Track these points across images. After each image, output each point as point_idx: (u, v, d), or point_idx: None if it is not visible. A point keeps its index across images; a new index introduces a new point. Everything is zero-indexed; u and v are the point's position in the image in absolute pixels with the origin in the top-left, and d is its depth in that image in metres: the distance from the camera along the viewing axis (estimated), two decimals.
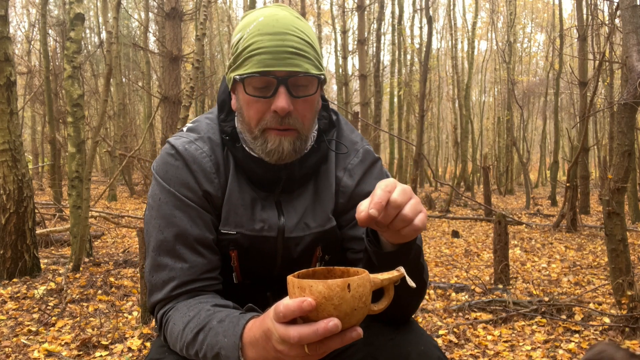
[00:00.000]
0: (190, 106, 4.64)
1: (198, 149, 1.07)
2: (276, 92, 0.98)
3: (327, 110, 1.16)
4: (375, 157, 1.16)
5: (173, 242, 1.02)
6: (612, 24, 5.48)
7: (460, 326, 3.27)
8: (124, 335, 3.07)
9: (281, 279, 1.13)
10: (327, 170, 1.13)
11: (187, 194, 1.04)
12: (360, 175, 1.12)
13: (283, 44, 0.97)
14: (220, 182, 1.07)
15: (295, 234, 1.09)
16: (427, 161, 7.89)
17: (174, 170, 1.05)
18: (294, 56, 0.97)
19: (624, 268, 3.22)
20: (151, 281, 1.04)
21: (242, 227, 1.07)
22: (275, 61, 0.96)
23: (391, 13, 19.35)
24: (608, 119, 11.78)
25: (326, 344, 0.70)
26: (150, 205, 1.07)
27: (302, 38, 0.99)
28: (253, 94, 0.99)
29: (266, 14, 1.00)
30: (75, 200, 4.91)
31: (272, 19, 0.98)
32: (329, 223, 1.11)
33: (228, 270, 1.11)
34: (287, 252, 1.11)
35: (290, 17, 1.01)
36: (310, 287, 0.69)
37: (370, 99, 15.74)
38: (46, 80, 10.20)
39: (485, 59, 26.58)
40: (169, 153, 1.07)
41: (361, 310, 0.71)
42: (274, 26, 0.98)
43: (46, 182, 15.35)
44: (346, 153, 1.14)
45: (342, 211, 1.13)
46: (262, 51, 0.97)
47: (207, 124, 1.12)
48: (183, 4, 9.36)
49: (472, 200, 9.04)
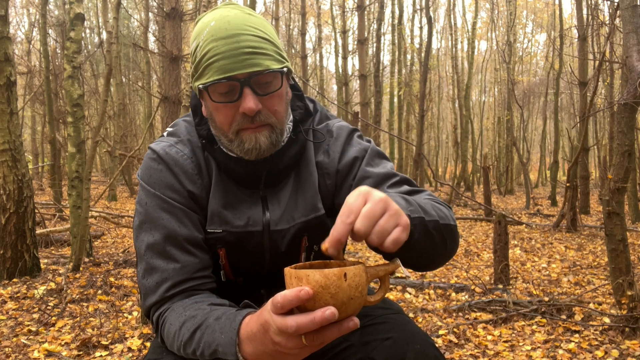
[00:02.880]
0: (190, 106, 4.64)
1: (179, 152, 1.08)
2: (241, 94, 0.98)
3: (302, 99, 1.16)
4: (350, 129, 1.15)
5: (163, 244, 1.03)
6: (612, 24, 5.48)
7: (460, 326, 3.27)
8: (124, 335, 3.07)
9: (273, 275, 1.14)
10: (306, 159, 1.13)
11: (172, 195, 1.05)
12: (339, 151, 1.12)
13: (239, 46, 0.96)
14: (204, 182, 1.08)
15: (281, 226, 1.10)
16: (427, 161, 7.88)
17: (157, 174, 1.06)
18: (251, 56, 0.97)
19: (624, 268, 3.22)
20: (145, 285, 1.04)
21: (227, 225, 1.08)
22: (234, 64, 0.96)
23: (391, 13, 19.38)
24: (608, 119, 11.78)
25: (323, 334, 0.71)
26: (137, 211, 1.07)
27: (257, 35, 0.99)
28: (219, 100, 1.00)
29: (217, 17, 0.99)
30: (75, 200, 4.91)
31: (224, 22, 0.98)
32: (313, 212, 1.11)
33: (218, 269, 1.12)
34: (274, 246, 1.11)
35: (242, 15, 1.00)
36: (307, 276, 0.70)
37: (370, 99, 15.74)
38: (46, 80, 10.20)
39: (485, 59, 26.58)
40: (151, 158, 1.08)
41: (357, 300, 0.72)
42: (226, 29, 0.97)
43: (46, 182, 15.35)
44: (323, 141, 1.14)
45: (336, 190, 1.12)
46: (220, 57, 0.96)
47: (185, 127, 1.13)
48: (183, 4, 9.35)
49: (472, 200, 9.03)
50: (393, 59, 19.76)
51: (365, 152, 1.11)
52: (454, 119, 21.94)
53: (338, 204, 1.12)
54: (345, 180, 1.11)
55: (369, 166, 1.09)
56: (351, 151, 1.11)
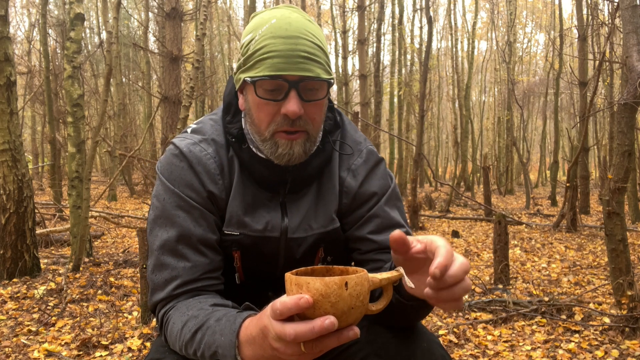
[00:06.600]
0: (190, 106, 4.64)
1: (202, 150, 1.07)
2: (287, 95, 0.98)
3: (332, 111, 1.16)
4: (378, 158, 1.16)
5: (176, 242, 1.03)
6: (612, 24, 5.48)
7: (460, 326, 3.27)
8: (124, 335, 3.07)
9: (283, 279, 1.14)
10: (330, 171, 1.13)
11: (191, 194, 1.05)
12: (363, 176, 1.13)
13: (296, 48, 0.97)
14: (225, 183, 1.08)
15: (298, 234, 1.10)
16: (427, 161, 7.89)
17: (178, 171, 1.06)
18: (306, 60, 0.97)
19: (624, 268, 3.23)
20: (153, 280, 1.04)
21: (246, 228, 1.08)
22: (288, 65, 0.96)
23: (391, 13, 19.35)
24: (608, 119, 11.78)
25: (322, 342, 0.70)
26: (154, 205, 1.07)
27: (314, 42, 0.99)
28: (264, 96, 0.99)
29: (278, 16, 1.00)
30: (75, 200, 4.91)
31: (285, 22, 0.98)
32: (332, 224, 1.12)
33: (231, 270, 1.12)
34: (290, 253, 1.11)
35: (302, 20, 1.01)
36: (307, 284, 0.69)
37: (370, 99, 15.73)
38: (46, 80, 10.19)
39: (485, 59, 26.58)
40: (173, 154, 1.08)
41: (358, 309, 0.71)
42: (286, 29, 0.97)
43: (46, 182, 15.35)
44: (350, 154, 1.14)
45: (347, 212, 1.13)
46: (275, 54, 0.96)
47: (211, 125, 1.12)
48: (183, 4, 9.36)
49: (472, 200, 9.04)
50: (393, 59, 19.75)
51: (386, 190, 1.13)
52: (454, 119, 21.93)
53: (345, 224, 1.14)
54: (360, 208, 1.12)
55: (387, 206, 1.12)
56: (374, 183, 1.13)
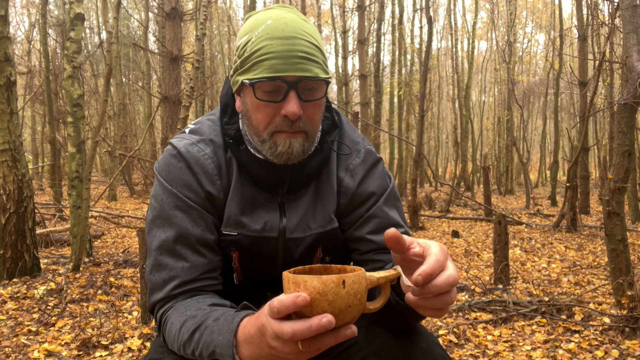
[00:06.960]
0: (190, 106, 4.64)
1: (200, 150, 1.07)
2: (286, 96, 0.98)
3: (330, 110, 1.16)
4: (376, 158, 1.16)
5: (174, 242, 1.03)
6: (612, 24, 5.48)
7: (460, 326, 3.27)
8: (124, 335, 3.07)
9: (282, 279, 1.14)
10: (328, 171, 1.13)
11: (189, 195, 1.05)
12: (361, 176, 1.13)
13: (293, 49, 0.96)
14: (223, 183, 1.08)
15: (296, 234, 1.10)
16: (427, 161, 7.89)
17: (176, 171, 1.06)
18: (303, 61, 0.97)
19: (624, 268, 3.23)
20: (152, 280, 1.04)
21: (244, 228, 1.08)
22: (286, 66, 0.96)
23: (391, 13, 19.34)
24: (608, 119, 11.78)
25: (320, 341, 0.70)
26: (152, 205, 1.07)
27: (311, 42, 0.99)
28: (263, 98, 0.99)
29: (274, 16, 0.99)
30: (75, 200, 4.91)
31: (281, 23, 0.98)
32: (330, 224, 1.12)
33: (229, 270, 1.12)
34: (288, 253, 1.11)
35: (298, 20, 1.01)
36: (304, 282, 0.69)
37: (370, 99, 15.73)
38: (46, 80, 10.20)
39: (485, 59, 26.59)
40: (171, 154, 1.08)
41: (356, 308, 0.71)
42: (283, 30, 0.97)
43: (46, 182, 15.35)
44: (348, 154, 1.14)
45: (345, 212, 1.13)
46: (273, 56, 0.96)
47: (209, 125, 1.12)
48: (183, 4, 9.35)
49: (472, 200, 9.04)
50: (393, 59, 19.75)
51: (385, 190, 1.13)
52: (454, 119, 21.93)
53: (344, 224, 1.14)
54: (358, 208, 1.12)
55: (385, 206, 1.12)
56: (372, 183, 1.12)
